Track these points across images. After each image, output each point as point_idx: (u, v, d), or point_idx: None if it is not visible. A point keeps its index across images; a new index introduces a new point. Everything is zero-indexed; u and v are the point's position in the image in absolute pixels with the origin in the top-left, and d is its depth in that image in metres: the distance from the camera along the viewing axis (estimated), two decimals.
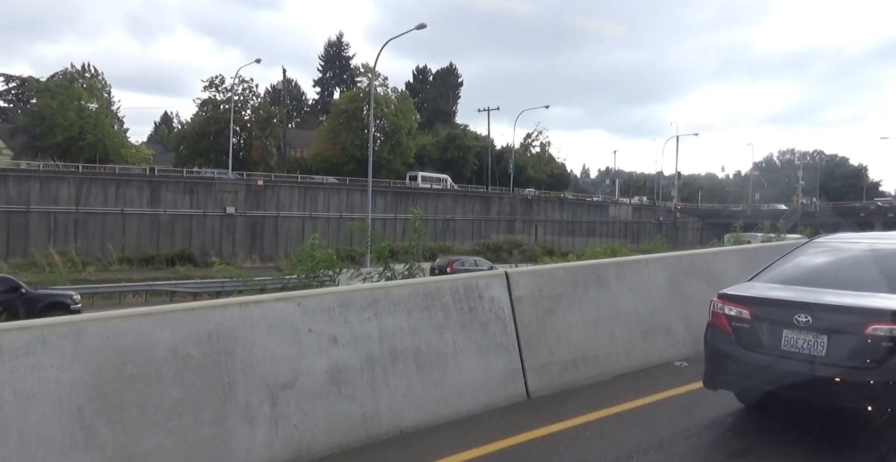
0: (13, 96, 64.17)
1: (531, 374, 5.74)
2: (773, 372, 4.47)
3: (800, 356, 4.38)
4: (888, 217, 61.70)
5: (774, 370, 4.46)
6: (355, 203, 50.31)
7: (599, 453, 4.47)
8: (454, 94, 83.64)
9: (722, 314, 4.89)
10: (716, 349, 4.95)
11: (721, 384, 5.04)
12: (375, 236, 11.11)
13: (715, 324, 4.99)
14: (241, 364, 4.34)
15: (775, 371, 4.46)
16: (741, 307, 4.78)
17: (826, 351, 4.29)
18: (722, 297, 4.97)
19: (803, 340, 4.39)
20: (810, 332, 4.36)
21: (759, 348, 4.62)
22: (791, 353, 4.42)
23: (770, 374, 4.50)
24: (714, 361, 5.00)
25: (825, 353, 4.29)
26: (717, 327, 4.95)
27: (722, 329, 4.89)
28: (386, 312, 5.05)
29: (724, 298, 4.95)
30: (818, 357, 4.31)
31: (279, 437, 4.37)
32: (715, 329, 4.99)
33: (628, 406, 5.45)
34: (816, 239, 6.01)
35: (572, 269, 6.60)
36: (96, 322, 3.99)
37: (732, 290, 5.02)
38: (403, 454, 4.55)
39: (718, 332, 4.94)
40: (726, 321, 4.85)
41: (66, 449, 3.71)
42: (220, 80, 59.09)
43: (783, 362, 4.44)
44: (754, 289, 5.03)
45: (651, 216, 73.05)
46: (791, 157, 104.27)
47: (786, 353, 4.45)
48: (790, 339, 4.45)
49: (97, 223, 41.59)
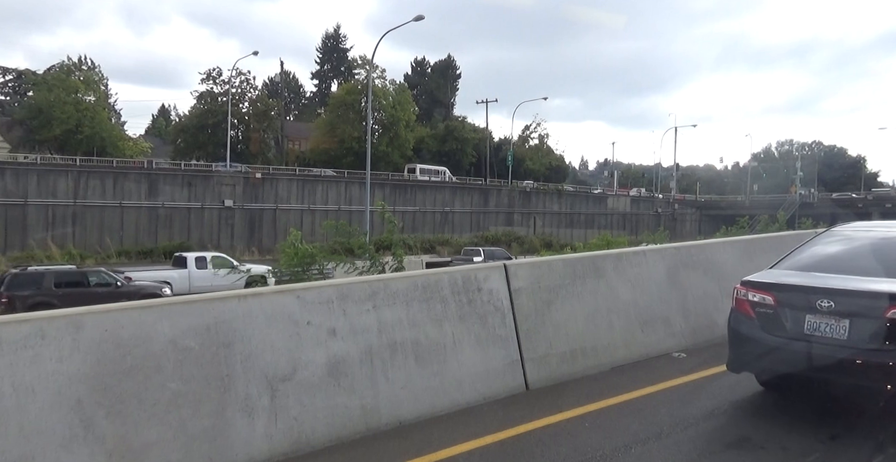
0: (10, 89, 63.99)
1: (530, 365, 5.75)
2: (796, 355, 4.67)
3: (822, 339, 4.57)
4: (886, 207, 61.78)
5: (797, 353, 4.66)
6: (353, 196, 50.24)
7: (598, 444, 4.49)
8: (452, 86, 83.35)
9: (746, 300, 5.09)
10: (739, 334, 5.14)
11: (745, 367, 5.24)
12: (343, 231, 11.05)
13: (739, 309, 5.18)
14: (240, 356, 4.34)
15: (798, 354, 4.65)
16: (765, 293, 4.97)
17: (848, 334, 4.48)
18: (746, 284, 5.16)
19: (826, 324, 4.58)
20: (832, 317, 4.55)
21: (783, 332, 4.81)
22: (814, 337, 4.62)
23: (793, 357, 4.70)
24: (738, 345, 5.18)
25: (847, 336, 4.48)
26: (741, 313, 5.14)
27: (746, 314, 5.09)
28: (385, 305, 5.05)
29: (747, 285, 5.14)
30: (840, 340, 4.50)
31: (278, 429, 4.39)
32: (739, 314, 5.18)
33: (627, 397, 5.46)
34: (833, 228, 6.17)
35: (571, 260, 6.61)
36: (95, 315, 3.99)
37: (756, 278, 5.22)
38: (402, 446, 4.55)
39: (742, 317, 5.13)
40: (750, 307, 5.04)
41: (66, 441, 3.72)
42: (218, 73, 58.92)
43: (806, 345, 4.63)
44: (777, 276, 5.22)
45: (649, 208, 73.02)
46: (789, 148, 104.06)
47: (808, 337, 4.64)
48: (813, 324, 4.64)
49: (95, 216, 41.50)
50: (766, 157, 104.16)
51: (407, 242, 12.86)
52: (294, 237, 10.24)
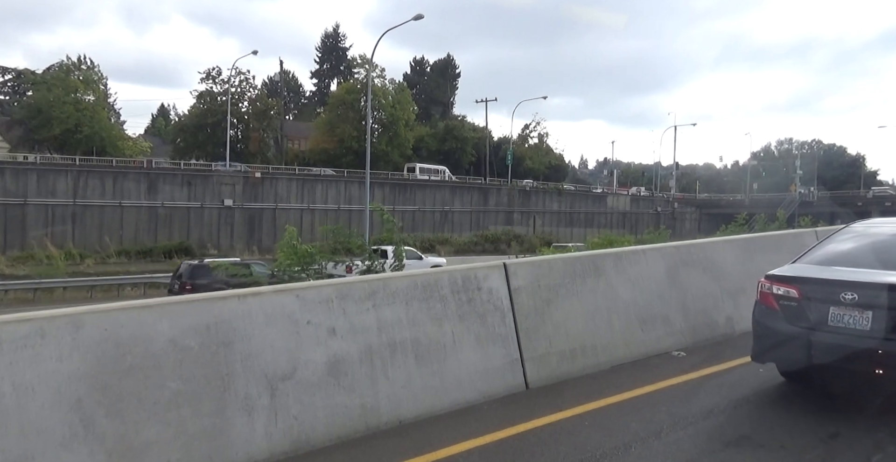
0: (9, 89, 63.93)
1: (530, 364, 5.75)
2: (820, 345, 4.83)
3: (845, 330, 4.74)
4: (885, 206, 61.83)
5: (821, 344, 4.83)
6: (353, 195, 50.22)
7: (598, 442, 4.49)
8: (452, 86, 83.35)
9: (770, 294, 5.26)
10: (764, 326, 5.31)
11: (769, 358, 5.42)
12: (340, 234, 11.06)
13: (763, 302, 5.35)
14: (239, 356, 4.35)
15: (822, 344, 4.82)
16: (789, 287, 5.15)
17: (871, 325, 4.65)
18: (770, 278, 5.33)
19: (849, 316, 4.75)
20: (856, 309, 4.72)
21: (807, 324, 4.97)
22: (837, 328, 4.79)
23: (817, 348, 4.86)
24: (762, 337, 5.35)
25: (869, 327, 4.65)
26: (765, 306, 5.32)
27: (770, 307, 5.26)
28: (384, 304, 5.05)
29: (772, 279, 5.31)
30: (863, 331, 4.67)
31: (278, 428, 4.39)
32: (763, 307, 5.35)
33: (627, 395, 5.46)
34: (851, 225, 6.34)
35: (571, 259, 6.61)
36: (95, 314, 3.99)
37: (780, 272, 5.40)
38: (402, 445, 4.56)
39: (766, 310, 5.30)
40: (774, 300, 5.22)
41: (66, 440, 3.73)
42: (218, 72, 58.89)
43: (829, 336, 4.81)
44: (800, 270, 5.41)
45: (649, 206, 73.01)
46: (789, 147, 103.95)
47: (832, 328, 4.82)
48: (836, 315, 4.81)
49: (95, 216, 41.49)
50: (765, 155, 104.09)
51: (406, 242, 12.94)
52: (290, 234, 10.12)
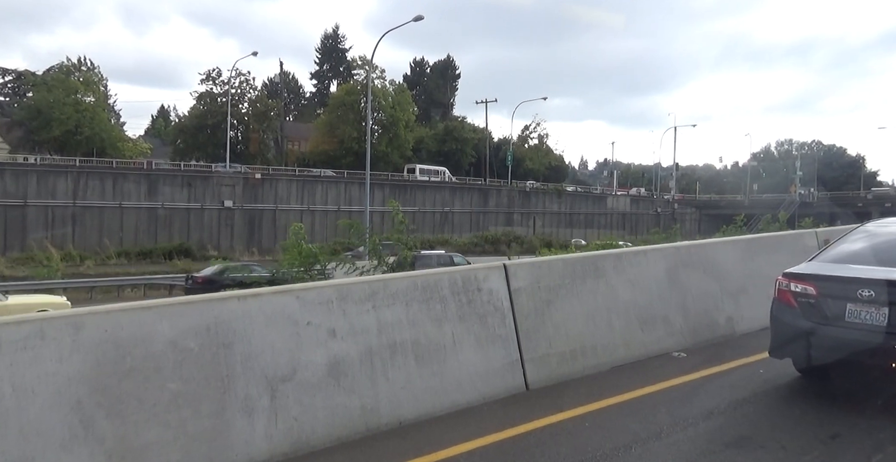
0: (9, 90, 63.92)
1: (530, 365, 5.75)
2: (837, 341, 4.94)
3: (862, 326, 4.84)
4: (885, 206, 61.85)
5: (838, 340, 4.94)
6: (353, 196, 50.26)
7: (598, 443, 4.48)
8: (452, 86, 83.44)
9: (788, 291, 5.37)
10: (782, 322, 5.42)
11: (786, 354, 5.52)
12: (358, 230, 11.07)
13: (781, 299, 5.46)
14: (239, 357, 4.34)
15: (839, 340, 4.93)
16: (806, 284, 5.26)
17: (887, 321, 4.73)
18: (787, 276, 5.43)
19: (866, 312, 4.85)
20: (873, 305, 4.82)
21: (824, 320, 5.09)
22: (854, 324, 4.89)
23: (834, 344, 4.98)
24: (780, 333, 5.46)
25: (886, 323, 4.74)
26: (783, 303, 5.43)
27: (787, 304, 5.37)
28: (384, 305, 5.05)
29: (789, 277, 5.41)
30: (879, 327, 4.76)
31: (278, 429, 4.39)
32: (781, 304, 5.46)
33: (627, 396, 5.46)
34: (864, 225, 6.46)
35: (571, 260, 6.61)
36: (95, 315, 3.99)
37: (797, 269, 5.51)
38: (402, 446, 4.55)
39: (784, 307, 5.41)
40: (792, 297, 5.33)
41: (66, 442, 3.72)
42: (217, 73, 58.96)
43: (846, 332, 4.91)
44: (817, 267, 5.52)
45: (649, 207, 73.07)
46: (789, 148, 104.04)
47: (849, 324, 4.92)
48: (853, 312, 4.91)
49: (95, 217, 41.53)
50: (765, 156, 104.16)
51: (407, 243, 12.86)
52: (296, 231, 10.12)
